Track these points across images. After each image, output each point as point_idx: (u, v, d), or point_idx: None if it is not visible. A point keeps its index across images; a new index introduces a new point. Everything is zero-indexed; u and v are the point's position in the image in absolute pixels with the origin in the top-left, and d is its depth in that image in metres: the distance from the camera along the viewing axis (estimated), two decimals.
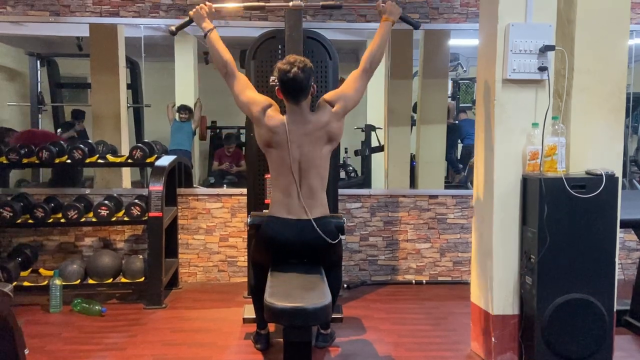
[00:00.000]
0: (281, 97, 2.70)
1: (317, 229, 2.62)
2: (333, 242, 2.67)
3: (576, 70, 2.75)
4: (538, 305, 2.64)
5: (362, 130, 6.10)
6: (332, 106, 2.72)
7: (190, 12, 2.85)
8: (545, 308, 2.63)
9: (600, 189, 2.59)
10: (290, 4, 3.10)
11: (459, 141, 6.10)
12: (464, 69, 6.20)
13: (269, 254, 2.74)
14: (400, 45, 4.62)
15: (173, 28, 2.98)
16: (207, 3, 2.86)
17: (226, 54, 2.77)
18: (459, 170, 5.94)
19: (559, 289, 2.64)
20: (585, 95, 2.76)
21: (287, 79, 2.61)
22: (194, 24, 2.87)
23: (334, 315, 3.26)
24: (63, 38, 5.33)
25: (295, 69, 2.59)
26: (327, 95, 2.79)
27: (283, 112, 2.73)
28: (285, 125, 2.64)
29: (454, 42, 5.13)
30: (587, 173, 2.70)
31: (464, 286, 4.01)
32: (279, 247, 2.69)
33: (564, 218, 2.62)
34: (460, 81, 6.39)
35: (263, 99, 2.75)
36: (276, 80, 2.68)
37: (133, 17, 4.23)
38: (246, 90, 2.78)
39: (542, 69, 2.70)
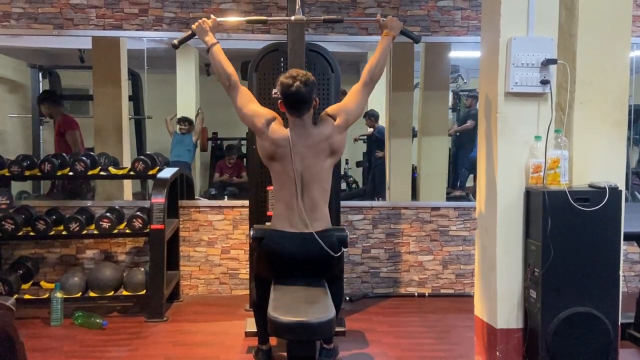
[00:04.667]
0: (284, 110, 2.71)
1: (320, 242, 2.61)
2: (335, 255, 2.66)
3: (578, 83, 2.75)
4: (542, 319, 2.62)
5: (364, 142, 6.12)
6: (334, 119, 2.73)
7: (193, 26, 2.83)
8: (549, 322, 2.61)
9: (604, 202, 2.58)
10: (293, 18, 3.09)
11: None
12: (465, 80, 6.23)
13: (271, 267, 2.73)
14: (401, 58, 4.63)
15: (176, 42, 2.96)
16: (212, 17, 2.87)
17: (229, 68, 2.76)
18: (455, 184, 5.88)
19: (563, 303, 2.62)
20: (588, 108, 2.76)
21: (290, 93, 2.61)
22: (196, 37, 2.87)
23: (336, 329, 3.24)
24: (65, 50, 5.35)
25: (297, 83, 2.59)
26: (330, 109, 2.80)
27: (286, 125, 2.74)
28: (289, 139, 2.64)
29: (454, 54, 5.15)
30: (590, 186, 2.69)
31: (466, 299, 3.99)
32: (281, 261, 2.67)
33: (568, 231, 2.61)
34: (460, 93, 6.42)
35: (266, 112, 2.75)
36: (278, 94, 2.69)
37: (136, 30, 4.25)
38: (249, 103, 2.77)
39: (544, 82, 2.70)
